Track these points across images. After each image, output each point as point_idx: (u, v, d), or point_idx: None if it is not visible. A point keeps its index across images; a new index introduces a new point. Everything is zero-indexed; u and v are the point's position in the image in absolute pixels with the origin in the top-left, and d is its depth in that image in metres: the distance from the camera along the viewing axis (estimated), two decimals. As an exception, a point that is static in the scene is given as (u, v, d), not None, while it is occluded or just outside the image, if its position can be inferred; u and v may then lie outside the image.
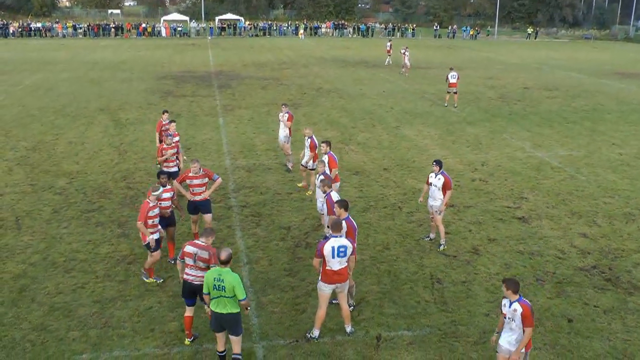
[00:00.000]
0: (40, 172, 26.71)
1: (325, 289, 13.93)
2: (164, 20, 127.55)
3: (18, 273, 17.39)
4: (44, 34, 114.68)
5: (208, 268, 13.39)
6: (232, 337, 12.90)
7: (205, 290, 12.75)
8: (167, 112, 26.52)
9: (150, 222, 16.29)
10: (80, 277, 17.20)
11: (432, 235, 20.28)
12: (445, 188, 18.87)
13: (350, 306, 15.23)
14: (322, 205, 18.45)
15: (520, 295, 11.65)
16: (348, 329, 14.46)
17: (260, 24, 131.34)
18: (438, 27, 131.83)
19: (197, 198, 18.78)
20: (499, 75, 62.24)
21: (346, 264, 13.89)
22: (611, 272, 18.04)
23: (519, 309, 11.52)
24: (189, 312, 13.88)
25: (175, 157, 22.40)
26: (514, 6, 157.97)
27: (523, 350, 11.73)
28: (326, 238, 14.01)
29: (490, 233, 20.69)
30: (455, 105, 42.04)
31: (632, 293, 16.82)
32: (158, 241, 16.56)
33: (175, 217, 18.17)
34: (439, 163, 19.04)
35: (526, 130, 36.13)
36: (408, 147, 31.47)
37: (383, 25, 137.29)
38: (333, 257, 13.67)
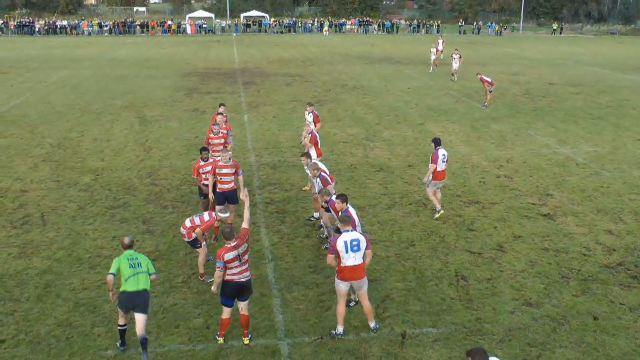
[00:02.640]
0: (66, 169, 26.87)
1: (342, 286, 13.92)
2: (189, 18, 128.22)
3: (43, 269, 17.50)
4: (69, 32, 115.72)
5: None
6: (139, 316, 13.26)
7: (112, 271, 13.42)
8: (223, 105, 27.12)
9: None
10: (105, 273, 17.12)
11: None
12: (431, 162, 21.27)
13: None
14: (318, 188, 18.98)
15: None
16: (372, 324, 14.41)
17: (285, 20, 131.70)
18: (463, 24, 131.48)
19: (225, 187, 19.36)
20: (524, 71, 61.95)
21: (362, 260, 13.85)
22: (637, 269, 17.86)
23: None
24: (227, 314, 13.79)
25: (223, 146, 22.70)
26: (539, 2, 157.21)
27: None
28: (339, 234, 14.14)
29: (516, 230, 20.58)
30: (487, 104, 41.72)
31: (659, 291, 16.69)
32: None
33: None
34: (434, 141, 21.67)
35: (551, 126, 35.91)
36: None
37: (408, 22, 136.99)
38: (347, 251, 13.65)
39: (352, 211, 15.81)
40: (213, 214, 17.07)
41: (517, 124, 36.24)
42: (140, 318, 13.25)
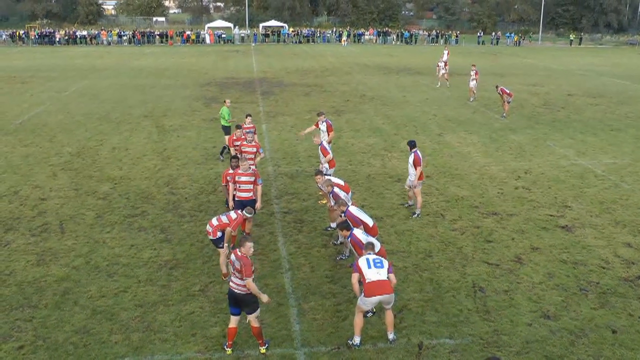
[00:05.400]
0: (84, 177, 26.99)
1: (368, 304, 13.90)
2: (208, 28, 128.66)
3: (61, 276, 17.58)
4: (89, 42, 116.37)
5: (242, 278, 13.52)
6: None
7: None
8: (250, 115, 27.83)
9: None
10: (122, 281, 17.34)
11: (410, 202, 23.50)
12: (415, 164, 22.04)
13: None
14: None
15: None
16: (390, 336, 14.38)
17: (304, 30, 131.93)
18: (482, 34, 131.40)
19: (244, 195, 19.54)
20: (543, 81, 61.73)
21: (386, 277, 13.87)
22: (657, 282, 17.77)
23: None
24: (233, 323, 13.87)
25: (254, 155, 23.24)
26: (559, 12, 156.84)
27: None
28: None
29: (534, 242, 20.48)
30: (505, 115, 41.57)
31: (678, 304, 16.56)
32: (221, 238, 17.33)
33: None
34: (409, 143, 22.61)
35: (570, 137, 35.76)
36: (451, 155, 31.31)
37: (427, 33, 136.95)
38: (369, 267, 13.81)
39: (357, 239, 16.01)
40: (239, 211, 17.26)
41: (535, 135, 36.11)
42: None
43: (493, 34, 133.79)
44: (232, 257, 13.56)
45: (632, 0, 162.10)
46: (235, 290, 13.57)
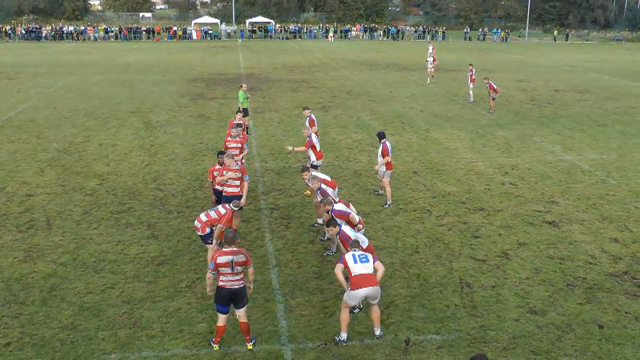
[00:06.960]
0: (71, 174, 26.91)
1: (352, 300, 13.92)
2: (194, 23, 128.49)
3: (48, 273, 17.53)
4: (76, 37, 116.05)
5: (245, 270, 13.63)
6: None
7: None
8: (240, 112, 28.01)
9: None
10: (109, 278, 17.30)
11: (381, 192, 24.32)
12: (383, 154, 22.85)
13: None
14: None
15: None
16: (377, 331, 14.39)
17: (291, 26, 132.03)
18: (468, 30, 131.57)
19: (231, 190, 19.43)
20: (530, 77, 61.84)
21: (372, 271, 13.91)
22: (643, 277, 17.84)
23: None
24: (222, 321, 13.78)
25: (240, 150, 23.21)
26: (545, 8, 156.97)
27: None
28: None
29: (520, 237, 20.54)
30: (491, 111, 41.63)
31: (664, 299, 16.63)
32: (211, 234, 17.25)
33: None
34: (378, 135, 23.43)
35: (556, 133, 35.84)
36: (438, 151, 31.34)
37: (413, 29, 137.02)
38: (355, 262, 13.91)
39: (345, 234, 16.06)
40: (227, 206, 17.18)
41: (522, 131, 36.19)
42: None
43: (480, 30, 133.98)
44: (228, 257, 13.40)
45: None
46: (235, 287, 13.55)
